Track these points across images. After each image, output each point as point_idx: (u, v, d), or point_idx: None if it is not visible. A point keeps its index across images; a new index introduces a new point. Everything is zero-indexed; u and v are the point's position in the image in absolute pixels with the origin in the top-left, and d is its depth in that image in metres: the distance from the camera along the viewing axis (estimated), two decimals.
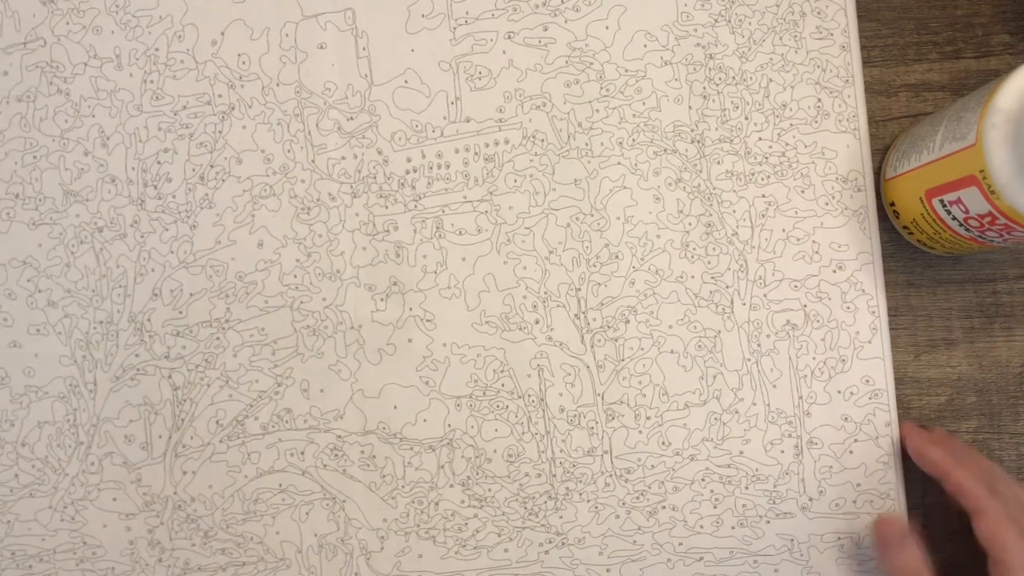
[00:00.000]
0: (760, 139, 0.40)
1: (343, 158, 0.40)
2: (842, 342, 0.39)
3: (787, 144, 0.40)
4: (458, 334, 0.40)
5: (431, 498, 0.40)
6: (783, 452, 0.39)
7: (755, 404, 0.39)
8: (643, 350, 0.40)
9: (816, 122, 0.40)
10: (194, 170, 0.40)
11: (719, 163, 0.40)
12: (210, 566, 0.40)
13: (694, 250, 0.40)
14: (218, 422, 0.40)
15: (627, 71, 0.40)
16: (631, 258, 0.40)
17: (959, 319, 0.40)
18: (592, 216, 0.40)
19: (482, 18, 0.40)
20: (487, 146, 0.40)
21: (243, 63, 0.40)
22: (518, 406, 0.40)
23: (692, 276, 0.40)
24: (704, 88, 0.40)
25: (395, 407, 0.40)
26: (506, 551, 0.40)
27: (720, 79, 0.40)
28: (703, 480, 0.40)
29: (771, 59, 0.40)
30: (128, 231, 0.40)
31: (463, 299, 0.40)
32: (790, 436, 0.39)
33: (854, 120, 0.40)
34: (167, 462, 0.40)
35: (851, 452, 0.39)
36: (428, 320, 0.40)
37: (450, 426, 0.40)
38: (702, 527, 0.40)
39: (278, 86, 0.40)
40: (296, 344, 0.40)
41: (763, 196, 0.40)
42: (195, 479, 0.40)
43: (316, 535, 0.40)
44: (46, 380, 0.40)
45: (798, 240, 0.40)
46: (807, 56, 0.40)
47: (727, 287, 0.40)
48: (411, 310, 0.40)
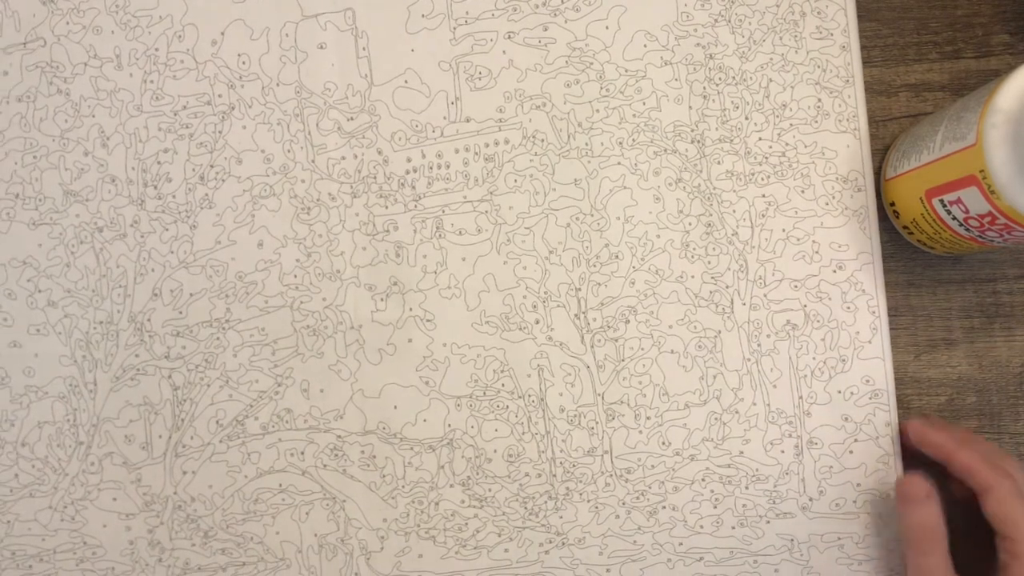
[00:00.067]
0: (760, 139, 0.40)
1: (343, 158, 0.40)
2: (842, 342, 0.39)
3: (787, 144, 0.40)
4: (458, 334, 0.40)
5: (431, 498, 0.40)
6: (783, 452, 0.39)
7: (755, 404, 0.39)
8: (643, 350, 0.40)
9: (816, 122, 0.40)
10: (194, 170, 0.40)
11: (719, 163, 0.40)
12: (210, 566, 0.40)
13: (694, 250, 0.40)
14: (218, 422, 0.40)
15: (627, 71, 0.40)
16: (631, 258, 0.40)
17: (959, 319, 0.40)
18: (592, 216, 0.40)
19: (482, 18, 0.40)
20: (487, 146, 0.40)
21: (243, 63, 0.40)
22: (518, 406, 0.40)
23: (692, 276, 0.40)
24: (704, 88, 0.40)
25: (395, 407, 0.40)
26: (506, 551, 0.40)
27: (720, 79, 0.40)
28: (703, 480, 0.40)
29: (771, 59, 0.40)
30: (128, 231, 0.40)
31: (463, 299, 0.40)
32: (790, 436, 0.39)
33: (854, 120, 0.40)
34: (167, 462, 0.40)
35: (851, 452, 0.39)
36: (428, 320, 0.40)
37: (450, 426, 0.40)
38: (702, 527, 0.40)
39: (278, 86, 0.40)
40: (296, 344, 0.40)
41: (763, 196, 0.40)
42: (195, 479, 0.40)
43: (316, 535, 0.40)
44: (46, 380, 0.40)
45: (798, 240, 0.40)
46: (807, 56, 0.40)
47: (727, 287, 0.40)
48: (411, 310, 0.40)
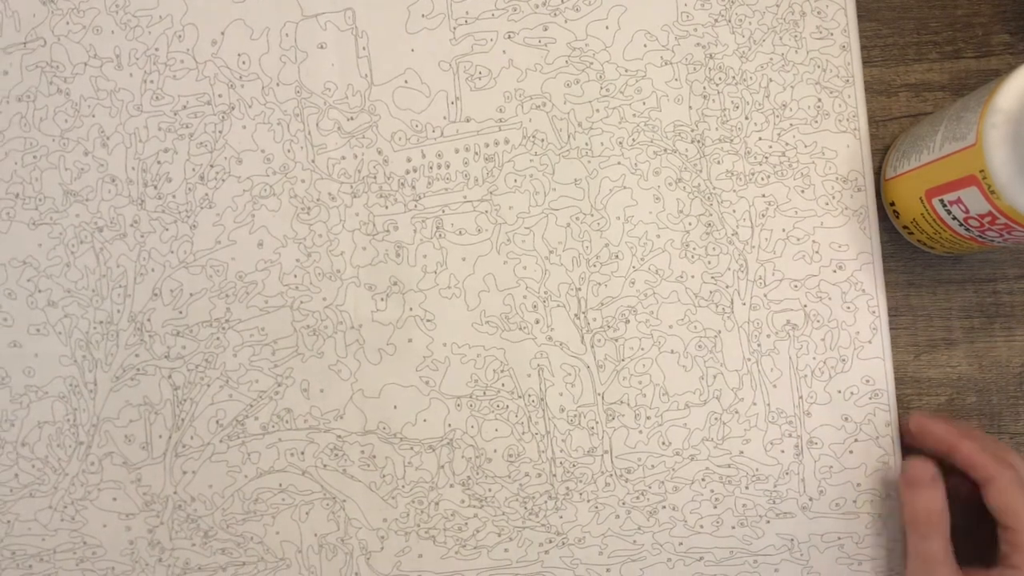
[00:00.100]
0: (760, 139, 0.40)
1: (343, 158, 0.40)
2: (842, 342, 0.39)
3: (787, 144, 0.40)
4: (458, 334, 0.40)
5: (431, 498, 0.40)
6: (783, 452, 0.39)
7: (755, 404, 0.39)
8: (643, 350, 0.40)
9: (816, 122, 0.40)
10: (194, 170, 0.40)
11: (719, 163, 0.40)
12: (210, 566, 0.40)
13: (694, 250, 0.40)
14: (218, 422, 0.40)
15: (627, 71, 0.40)
16: (631, 258, 0.40)
17: (959, 319, 0.40)
18: (592, 216, 0.40)
19: (482, 18, 0.40)
20: (487, 146, 0.40)
21: (243, 63, 0.40)
22: (518, 406, 0.40)
23: (692, 276, 0.40)
24: (704, 88, 0.40)
25: (395, 407, 0.40)
26: (506, 551, 0.40)
27: (720, 79, 0.40)
28: (703, 480, 0.40)
29: (771, 59, 0.40)
30: (128, 231, 0.40)
31: (463, 299, 0.40)
32: (790, 436, 0.39)
33: (854, 120, 0.40)
34: (167, 462, 0.40)
35: (851, 452, 0.39)
36: (428, 320, 0.40)
37: (450, 426, 0.40)
38: (702, 527, 0.40)
39: (278, 86, 0.40)
40: (296, 344, 0.40)
41: (763, 196, 0.40)
42: (195, 479, 0.40)
43: (316, 535, 0.40)
44: (46, 380, 0.40)
45: (798, 240, 0.40)
46: (807, 56, 0.40)
47: (727, 287, 0.40)
48: (411, 310, 0.40)
